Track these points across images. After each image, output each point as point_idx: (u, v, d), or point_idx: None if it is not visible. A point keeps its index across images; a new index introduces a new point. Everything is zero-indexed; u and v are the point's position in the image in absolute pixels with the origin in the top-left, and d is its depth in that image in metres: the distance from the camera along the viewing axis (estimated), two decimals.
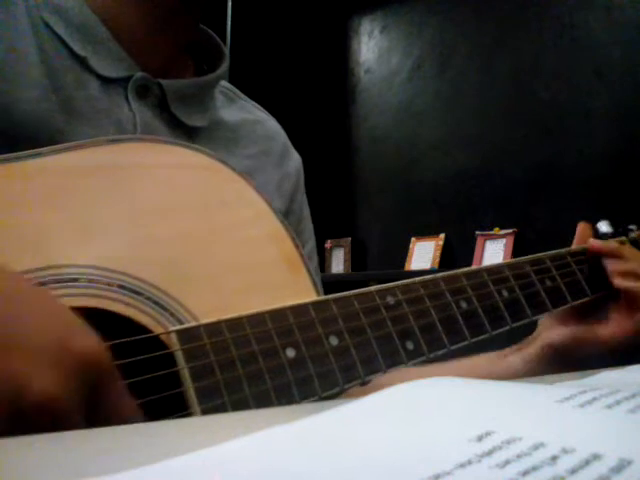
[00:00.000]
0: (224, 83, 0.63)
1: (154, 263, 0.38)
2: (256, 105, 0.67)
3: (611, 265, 0.57)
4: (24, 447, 0.22)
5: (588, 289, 0.57)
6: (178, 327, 0.36)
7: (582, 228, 0.61)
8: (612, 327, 0.55)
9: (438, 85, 2.59)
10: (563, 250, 0.58)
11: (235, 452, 0.17)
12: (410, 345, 0.42)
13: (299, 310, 0.39)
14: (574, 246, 0.60)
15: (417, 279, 0.45)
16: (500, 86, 2.37)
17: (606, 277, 0.57)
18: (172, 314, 0.37)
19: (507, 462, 0.15)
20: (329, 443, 0.18)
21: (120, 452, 0.21)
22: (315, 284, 0.43)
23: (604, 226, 0.64)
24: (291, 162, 0.65)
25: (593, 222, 0.63)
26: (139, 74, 0.51)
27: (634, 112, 2.00)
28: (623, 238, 0.64)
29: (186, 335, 0.35)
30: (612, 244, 0.59)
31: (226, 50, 0.61)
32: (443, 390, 0.23)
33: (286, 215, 0.62)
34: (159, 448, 0.22)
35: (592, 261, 0.58)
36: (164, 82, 0.52)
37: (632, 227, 0.66)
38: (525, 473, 0.14)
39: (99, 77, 0.50)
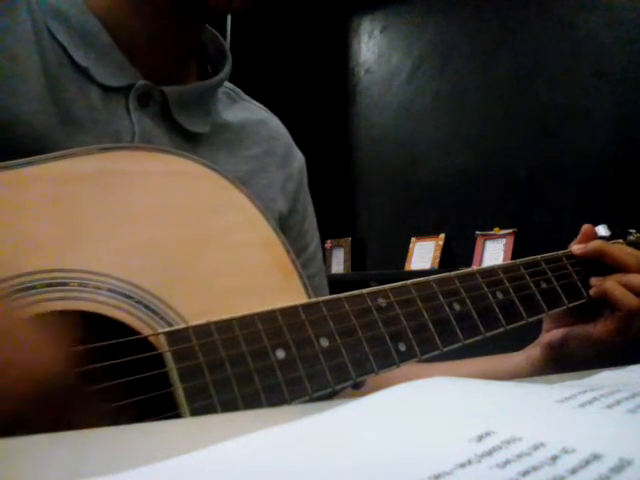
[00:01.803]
0: (227, 83, 0.63)
1: (144, 267, 0.38)
2: (259, 105, 0.67)
3: (593, 278, 0.57)
4: (24, 447, 0.22)
5: (585, 291, 0.56)
6: (167, 329, 0.36)
7: (585, 230, 0.61)
8: (600, 327, 0.55)
9: (438, 85, 2.59)
10: (560, 252, 0.58)
11: (233, 452, 0.17)
12: (402, 346, 0.42)
13: (289, 312, 0.39)
14: (569, 248, 0.60)
15: (409, 281, 0.45)
16: (500, 86, 2.37)
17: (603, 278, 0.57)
18: (162, 317, 0.37)
19: (507, 462, 0.15)
20: (329, 443, 0.18)
21: (120, 452, 0.21)
22: (306, 288, 0.43)
23: (602, 230, 0.64)
24: (295, 162, 0.65)
25: (593, 223, 0.63)
26: (140, 82, 0.51)
27: (634, 112, 2.00)
28: (620, 241, 0.64)
29: (175, 337, 0.35)
30: (594, 243, 0.58)
31: (229, 51, 0.61)
32: (443, 390, 0.23)
33: (290, 215, 0.62)
34: (158, 448, 0.22)
35: (588, 263, 0.58)
36: (166, 89, 0.52)
37: (631, 230, 0.66)
38: (525, 473, 0.14)
39: (100, 86, 0.49)
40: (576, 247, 0.59)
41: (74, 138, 0.47)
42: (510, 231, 2.25)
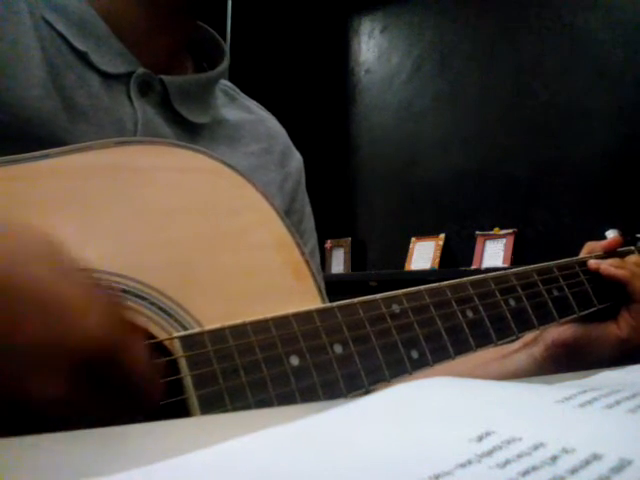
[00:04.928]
0: (225, 82, 0.63)
1: (159, 268, 0.37)
2: (257, 104, 0.67)
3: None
4: (26, 447, 0.21)
5: (596, 300, 0.56)
6: (181, 333, 0.35)
7: (610, 242, 0.61)
8: (624, 325, 0.55)
9: (438, 85, 2.59)
10: (573, 259, 0.58)
11: (233, 452, 0.17)
12: (415, 354, 0.42)
13: (303, 317, 0.39)
14: (582, 255, 0.60)
15: (423, 287, 0.44)
16: (500, 86, 2.37)
17: (614, 288, 0.57)
18: (176, 320, 0.36)
19: (507, 462, 0.15)
20: (329, 443, 0.18)
21: (120, 452, 0.21)
22: (321, 291, 0.43)
23: (612, 235, 0.64)
24: (293, 162, 0.65)
25: (593, 222, 0.63)
26: (140, 70, 0.51)
27: (634, 112, 2.00)
28: (631, 247, 0.64)
29: (189, 341, 0.35)
30: (609, 268, 0.58)
31: (226, 48, 0.61)
32: (443, 390, 0.23)
33: (287, 214, 0.62)
34: (159, 448, 0.22)
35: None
36: (166, 78, 0.52)
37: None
38: (525, 473, 0.14)
39: (100, 73, 0.49)
40: (593, 262, 0.59)
41: (77, 124, 0.47)
42: (510, 231, 2.25)
